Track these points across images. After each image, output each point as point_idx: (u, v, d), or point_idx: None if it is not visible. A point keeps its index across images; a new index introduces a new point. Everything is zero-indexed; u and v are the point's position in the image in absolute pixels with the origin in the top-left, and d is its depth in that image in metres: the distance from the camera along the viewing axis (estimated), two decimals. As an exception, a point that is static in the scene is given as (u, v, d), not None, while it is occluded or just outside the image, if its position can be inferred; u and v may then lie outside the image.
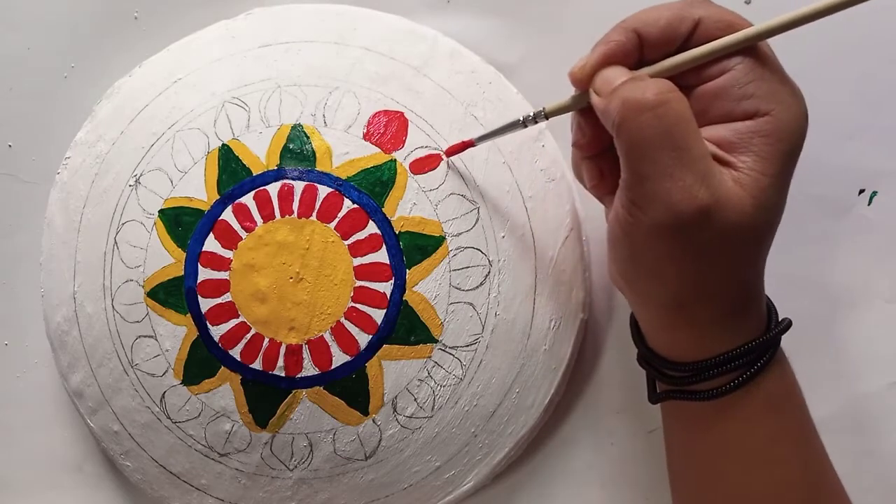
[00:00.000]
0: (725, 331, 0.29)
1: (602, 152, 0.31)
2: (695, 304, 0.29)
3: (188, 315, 0.36)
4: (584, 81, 0.29)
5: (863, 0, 0.26)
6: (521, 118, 0.32)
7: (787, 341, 0.31)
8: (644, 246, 0.28)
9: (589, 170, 0.32)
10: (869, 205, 0.41)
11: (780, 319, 0.31)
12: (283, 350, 0.35)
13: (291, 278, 0.35)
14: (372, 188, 0.36)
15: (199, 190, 0.36)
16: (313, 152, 0.36)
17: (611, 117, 0.27)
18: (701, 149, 0.26)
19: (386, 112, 0.37)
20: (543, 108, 0.31)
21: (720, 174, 0.27)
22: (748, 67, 0.27)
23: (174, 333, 0.36)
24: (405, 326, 0.36)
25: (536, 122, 0.32)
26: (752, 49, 0.28)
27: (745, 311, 0.30)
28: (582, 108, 0.31)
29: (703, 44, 0.28)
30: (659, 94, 0.26)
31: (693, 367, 0.30)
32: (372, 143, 0.37)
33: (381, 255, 0.36)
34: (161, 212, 0.37)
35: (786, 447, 0.30)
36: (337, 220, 0.36)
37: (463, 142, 0.36)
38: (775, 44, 0.29)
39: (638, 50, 0.28)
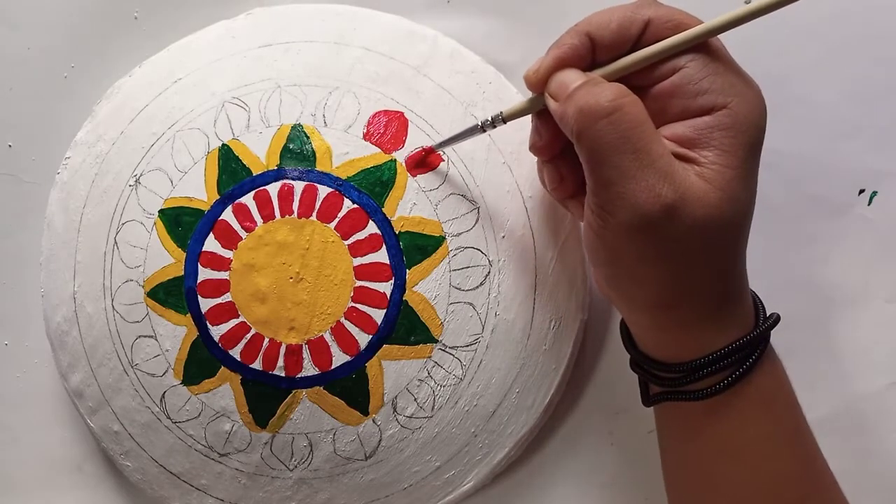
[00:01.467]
0: (713, 329, 0.30)
1: (560, 155, 0.32)
2: (678, 304, 0.29)
3: (188, 315, 0.36)
4: (538, 84, 0.29)
5: None
6: (480, 123, 0.33)
7: (786, 341, 0.31)
8: (618, 250, 0.29)
9: (549, 173, 0.33)
10: (869, 205, 0.41)
11: (768, 315, 0.31)
12: (283, 350, 0.35)
13: (291, 278, 0.35)
14: (372, 188, 0.36)
15: (199, 190, 0.36)
16: (313, 152, 0.36)
17: (569, 125, 0.28)
18: (660, 148, 0.27)
19: (386, 112, 0.37)
20: (501, 113, 0.32)
21: (683, 171, 0.27)
22: (701, 64, 0.28)
23: (174, 333, 0.36)
24: (405, 326, 0.36)
25: (495, 127, 0.32)
26: (704, 46, 0.28)
27: (731, 307, 0.30)
28: (539, 111, 0.31)
29: (653, 44, 0.28)
30: (613, 99, 0.27)
31: (684, 367, 0.30)
32: (372, 143, 0.37)
33: (381, 255, 0.36)
34: (161, 212, 0.37)
35: (779, 443, 0.30)
36: (337, 220, 0.36)
37: (423, 148, 0.36)
38: (775, 44, 0.29)
39: (591, 52, 0.29)
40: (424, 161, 0.36)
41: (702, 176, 0.27)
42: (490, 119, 0.32)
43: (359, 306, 0.35)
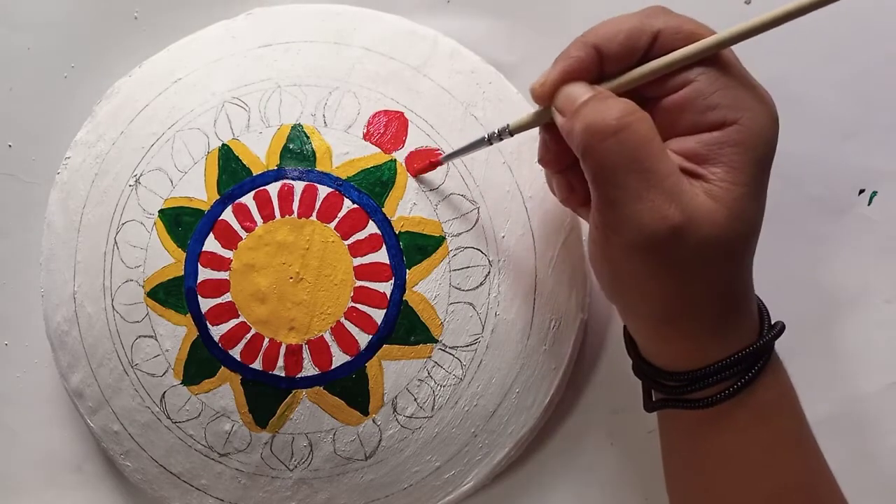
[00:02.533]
0: (716, 340, 0.29)
1: (570, 166, 0.31)
2: (681, 317, 0.29)
3: (188, 315, 0.36)
4: (545, 98, 0.29)
5: (819, 6, 0.25)
6: (486, 135, 0.32)
7: (785, 341, 0.31)
8: (623, 265, 0.28)
9: (559, 184, 0.32)
10: (869, 205, 0.41)
11: (773, 323, 0.31)
12: (283, 350, 0.35)
13: (291, 278, 0.35)
14: (372, 188, 0.36)
15: (199, 190, 0.36)
16: (313, 152, 0.36)
17: (575, 141, 0.27)
18: (668, 167, 0.26)
19: (386, 112, 0.37)
20: (508, 125, 0.31)
21: (691, 189, 0.26)
22: (711, 77, 0.27)
23: (174, 333, 0.36)
24: (405, 326, 0.36)
25: (501, 139, 0.32)
26: (715, 58, 0.27)
27: (736, 319, 0.29)
28: (546, 124, 0.30)
29: (663, 55, 0.27)
30: (620, 116, 0.26)
31: (686, 376, 0.30)
32: (372, 143, 0.37)
33: (381, 255, 0.36)
34: (161, 212, 0.37)
35: (781, 453, 0.30)
36: (337, 220, 0.36)
37: (430, 161, 0.36)
38: (774, 44, 0.29)
39: (598, 64, 0.28)
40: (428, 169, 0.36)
41: (710, 193, 0.27)
42: (497, 132, 0.32)
43: (359, 306, 0.35)
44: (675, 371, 0.30)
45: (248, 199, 0.36)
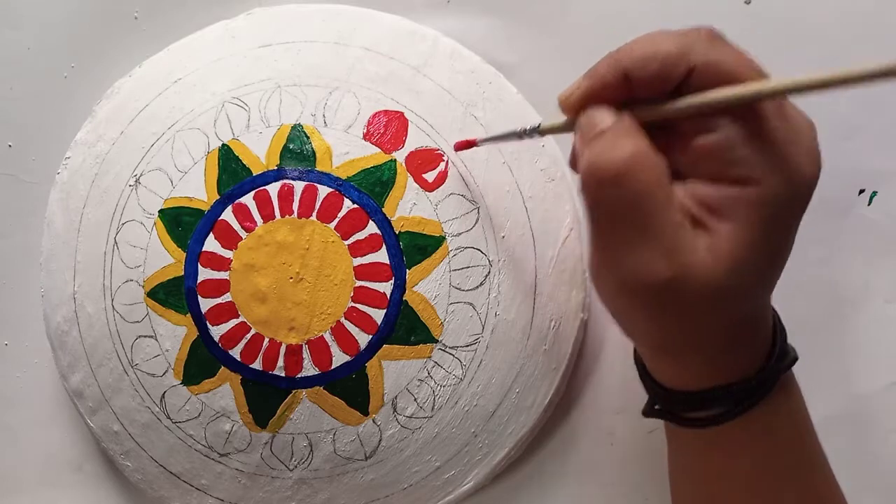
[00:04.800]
0: (716, 369, 0.28)
1: None
2: (678, 351, 0.28)
3: (188, 315, 0.36)
4: (570, 112, 0.27)
5: (872, 81, 0.22)
6: (519, 130, 0.31)
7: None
8: (617, 301, 0.28)
9: None
10: (869, 205, 0.41)
11: (785, 349, 0.29)
12: (283, 350, 0.35)
13: (291, 278, 0.35)
14: (372, 188, 0.36)
15: (199, 190, 0.36)
16: (313, 152, 0.36)
17: (580, 170, 0.26)
18: (667, 220, 0.24)
19: (386, 112, 0.37)
20: (539, 125, 0.30)
21: (691, 243, 0.25)
22: (740, 129, 0.24)
23: (174, 333, 0.36)
24: (405, 326, 0.36)
25: (532, 137, 0.31)
26: (751, 108, 0.24)
27: (738, 351, 0.28)
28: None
29: (699, 90, 0.25)
30: (623, 165, 0.24)
31: (682, 397, 0.29)
32: (372, 143, 0.37)
33: (381, 255, 0.36)
34: (161, 212, 0.37)
35: (775, 476, 0.29)
36: (337, 220, 0.36)
37: (467, 140, 0.36)
38: (774, 44, 0.28)
39: (626, 87, 0.26)
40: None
41: (712, 250, 0.25)
42: (529, 128, 0.31)
43: (359, 306, 0.35)
44: (673, 389, 0.30)
45: (248, 199, 0.36)
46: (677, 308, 0.26)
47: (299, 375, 0.35)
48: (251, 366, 0.36)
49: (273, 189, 0.36)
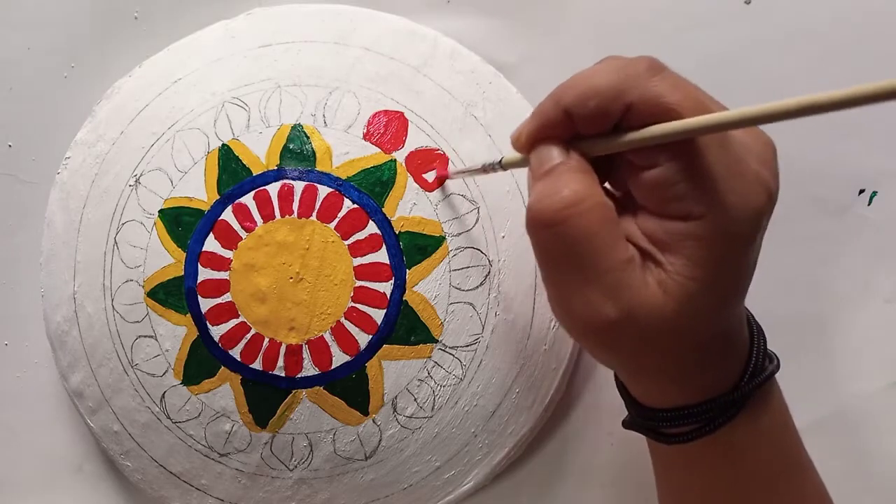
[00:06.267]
0: (686, 388, 0.28)
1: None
2: (647, 374, 0.28)
3: (188, 315, 0.36)
4: (522, 150, 0.27)
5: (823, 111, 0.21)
6: (482, 164, 0.31)
7: (786, 341, 0.31)
8: (573, 335, 0.28)
9: None
10: (869, 205, 0.41)
11: (762, 363, 0.28)
12: (283, 350, 0.35)
13: (291, 278, 0.35)
14: (372, 188, 0.36)
15: (199, 190, 0.36)
16: (313, 152, 0.36)
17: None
18: (611, 262, 0.24)
19: (386, 112, 0.37)
20: (501, 159, 0.30)
21: (640, 280, 0.24)
22: (679, 165, 0.24)
23: (174, 333, 0.36)
24: (405, 326, 0.36)
25: (496, 171, 0.31)
26: (691, 142, 0.24)
27: (711, 369, 0.28)
28: None
29: (639, 125, 0.24)
30: (563, 209, 0.24)
31: (651, 414, 0.29)
32: (372, 143, 0.37)
33: (381, 255, 0.36)
34: (161, 212, 0.37)
35: (754, 492, 0.29)
36: (337, 220, 0.36)
37: (439, 176, 0.36)
38: (774, 44, 0.28)
39: (569, 125, 0.25)
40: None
41: (662, 284, 0.24)
42: (490, 162, 0.31)
43: (359, 306, 0.35)
44: (648, 406, 0.29)
45: (248, 199, 0.36)
46: (631, 344, 0.26)
47: (299, 375, 0.35)
48: (251, 366, 0.36)
49: (273, 189, 0.36)
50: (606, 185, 0.28)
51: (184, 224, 0.36)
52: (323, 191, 0.36)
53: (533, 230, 0.25)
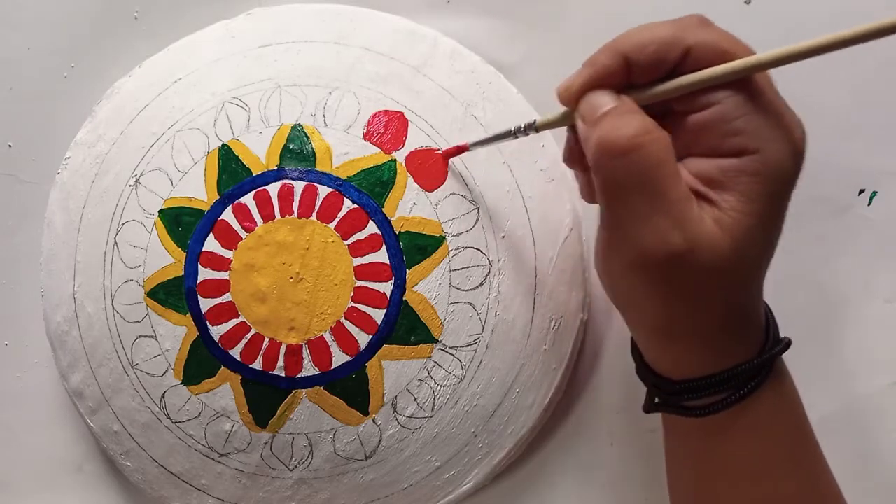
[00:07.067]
0: (715, 354, 0.29)
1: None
2: (679, 332, 0.29)
3: (188, 315, 0.36)
4: (570, 101, 0.28)
5: (865, 40, 0.24)
6: (513, 128, 0.32)
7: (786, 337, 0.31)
8: (622, 282, 0.28)
9: (581, 181, 0.32)
10: (869, 205, 0.41)
11: (778, 338, 0.30)
12: (283, 350, 0.35)
13: (291, 278, 0.35)
14: (372, 188, 0.36)
15: (199, 190, 0.36)
16: (313, 152, 0.36)
17: (589, 152, 0.27)
18: (678, 192, 0.25)
19: (386, 112, 0.37)
20: (535, 121, 0.31)
21: (699, 216, 0.26)
22: (738, 102, 0.26)
23: (174, 333, 0.36)
24: (405, 326, 0.36)
25: (527, 134, 0.32)
26: (746, 82, 0.26)
27: (737, 335, 0.29)
28: (572, 125, 0.30)
29: (694, 70, 0.26)
30: (634, 136, 0.25)
31: (681, 386, 0.30)
32: (372, 143, 0.37)
33: (381, 255, 0.36)
34: (161, 212, 0.37)
35: (777, 465, 0.30)
36: (337, 220, 0.36)
37: (458, 146, 0.36)
38: (774, 44, 0.28)
39: (626, 73, 0.27)
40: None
41: (718, 221, 0.26)
42: (523, 126, 0.31)
43: (359, 306, 0.35)
44: (672, 379, 0.30)
45: (248, 199, 0.36)
46: (683, 283, 0.27)
47: (299, 375, 0.35)
48: (251, 366, 0.36)
49: (273, 189, 0.36)
50: None
51: (184, 224, 0.36)
52: (323, 191, 0.36)
53: (604, 161, 0.26)
